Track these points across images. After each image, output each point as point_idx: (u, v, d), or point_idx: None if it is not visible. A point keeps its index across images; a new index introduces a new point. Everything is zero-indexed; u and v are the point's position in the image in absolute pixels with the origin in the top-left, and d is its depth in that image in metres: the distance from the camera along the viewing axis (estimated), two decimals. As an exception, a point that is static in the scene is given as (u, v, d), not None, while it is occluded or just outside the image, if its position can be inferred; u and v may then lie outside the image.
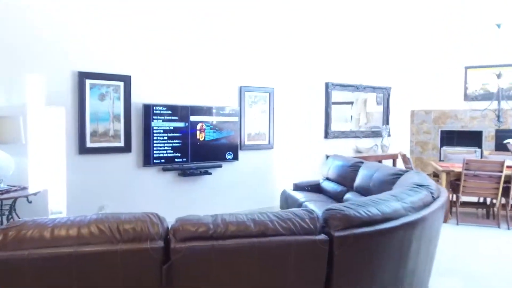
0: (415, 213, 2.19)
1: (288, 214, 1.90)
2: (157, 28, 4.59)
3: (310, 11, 5.62)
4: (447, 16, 4.78)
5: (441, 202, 2.46)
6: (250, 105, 5.36)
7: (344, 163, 4.62)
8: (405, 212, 2.14)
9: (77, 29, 4.14)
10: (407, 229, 2.05)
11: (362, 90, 6.57)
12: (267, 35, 5.44)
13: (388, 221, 2.01)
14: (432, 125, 7.23)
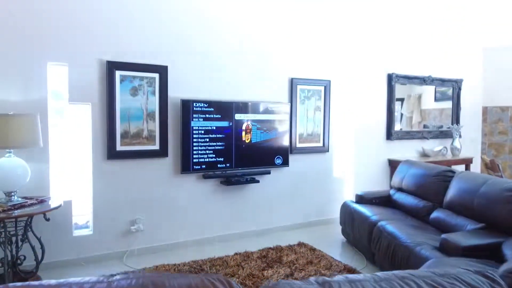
0: None
1: (456, 284, 1.08)
2: (198, 10, 3.88)
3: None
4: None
5: None
6: (302, 101, 4.55)
7: (426, 172, 3.73)
8: None
9: (106, 11, 3.48)
10: None
11: (429, 83, 5.61)
12: (321, 19, 4.61)
13: None
14: (509, 124, 6.16)
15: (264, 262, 3.39)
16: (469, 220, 2.96)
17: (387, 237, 3.10)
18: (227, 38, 4.03)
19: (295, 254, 3.59)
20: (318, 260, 3.43)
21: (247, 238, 4.13)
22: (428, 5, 4.37)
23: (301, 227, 4.56)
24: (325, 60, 4.67)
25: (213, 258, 3.49)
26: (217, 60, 3.99)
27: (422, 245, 2.74)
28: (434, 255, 2.58)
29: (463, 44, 5.96)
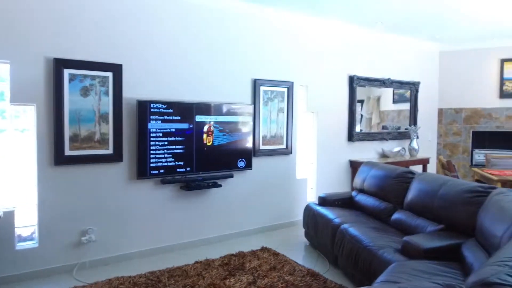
0: None
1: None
2: (156, 7, 3.67)
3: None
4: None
5: None
6: (265, 103, 4.47)
7: (386, 173, 3.76)
8: None
9: (53, 5, 3.19)
10: None
11: (389, 85, 5.73)
12: (284, 21, 4.55)
13: None
14: (463, 125, 6.43)
15: (226, 270, 3.25)
16: (429, 221, 2.99)
17: (350, 240, 3.07)
18: (188, 37, 3.86)
19: (258, 260, 3.49)
20: (281, 266, 3.35)
21: (208, 245, 3.98)
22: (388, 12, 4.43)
23: (265, 231, 4.47)
24: (288, 62, 4.62)
25: (171, 268, 3.31)
26: (177, 59, 3.81)
27: (385, 248, 2.73)
28: (397, 258, 2.57)
29: (420, 48, 6.15)
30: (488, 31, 5.44)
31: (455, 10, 4.49)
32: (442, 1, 4.16)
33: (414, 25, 5.20)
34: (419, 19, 4.87)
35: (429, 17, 4.80)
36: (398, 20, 4.93)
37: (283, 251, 3.78)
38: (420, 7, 4.37)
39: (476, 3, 4.20)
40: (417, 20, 4.95)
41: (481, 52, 6.22)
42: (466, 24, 5.12)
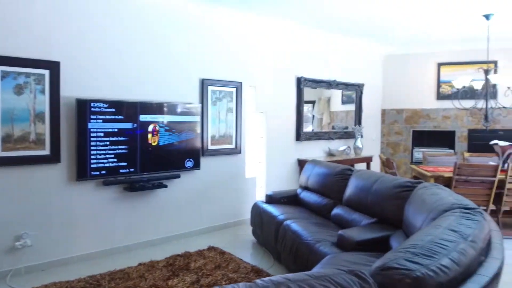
0: (488, 256, 1.49)
1: (329, 287, 1.09)
2: (98, 2, 3.56)
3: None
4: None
5: (499, 232, 1.81)
6: (214, 102, 4.48)
7: (328, 171, 3.92)
8: (478, 257, 1.44)
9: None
10: (494, 286, 1.34)
11: (335, 86, 5.96)
12: (232, 22, 4.60)
13: (469, 277, 1.29)
14: (404, 125, 6.83)
15: (170, 270, 3.23)
16: (364, 215, 3.16)
17: (291, 236, 3.17)
18: (132, 34, 3.78)
19: (203, 259, 3.50)
20: (226, 264, 3.39)
21: (154, 247, 3.93)
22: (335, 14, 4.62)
23: (213, 230, 4.48)
24: (237, 62, 4.66)
25: (113, 271, 3.23)
26: (121, 57, 3.72)
27: (322, 242, 2.85)
28: (332, 250, 2.69)
29: (366, 51, 6.45)
30: (427, 36, 5.83)
31: (398, 16, 4.77)
32: (386, 7, 4.41)
33: (360, 29, 5.45)
34: (365, 23, 5.12)
35: (373, 22, 5.05)
36: (345, 23, 5.15)
37: (230, 249, 3.81)
38: (366, 12, 4.60)
39: (414, 10, 4.50)
40: (363, 24, 5.20)
41: (421, 56, 6.64)
42: (407, 30, 5.45)
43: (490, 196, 4.25)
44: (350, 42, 6.09)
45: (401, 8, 4.44)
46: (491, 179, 4.18)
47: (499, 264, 1.42)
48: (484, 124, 4.80)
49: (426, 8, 4.43)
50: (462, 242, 1.44)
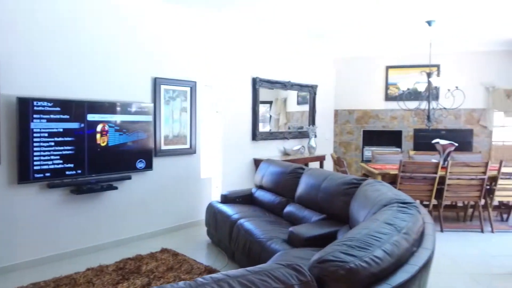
0: (420, 247, 1.60)
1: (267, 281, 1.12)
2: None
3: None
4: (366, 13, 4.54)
5: (432, 224, 1.94)
6: (167, 102, 4.41)
7: (282, 170, 3.99)
8: (410, 248, 1.54)
9: None
10: (423, 274, 1.44)
11: (290, 87, 6.08)
12: (186, 20, 4.55)
13: (401, 267, 1.38)
14: (355, 125, 7.11)
15: (120, 274, 3.14)
16: (314, 212, 3.26)
17: (244, 234, 3.19)
18: (80, 30, 3.62)
19: (156, 262, 3.43)
20: (179, 265, 3.35)
21: (103, 251, 3.79)
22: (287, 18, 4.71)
23: (167, 232, 4.41)
24: (191, 61, 4.61)
25: (59, 277, 3.08)
26: (67, 54, 3.55)
27: (273, 239, 2.90)
28: (283, 247, 2.75)
29: (318, 54, 6.64)
30: (376, 40, 6.11)
31: (348, 21, 4.95)
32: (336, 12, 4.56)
33: (313, 32, 5.60)
34: (317, 27, 5.27)
35: (324, 24, 5.21)
36: (298, 26, 5.27)
37: (184, 251, 3.77)
38: (318, 16, 4.74)
39: (363, 16, 4.70)
40: (316, 28, 5.35)
41: (370, 60, 6.95)
42: (357, 34, 5.68)
43: (432, 192, 4.53)
44: (304, 44, 6.24)
45: (350, 14, 4.63)
46: (432, 175, 4.46)
47: (429, 254, 1.53)
48: (427, 124, 5.11)
49: (373, 14, 4.65)
50: (396, 234, 1.53)
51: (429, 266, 1.52)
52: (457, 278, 3.21)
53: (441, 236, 4.37)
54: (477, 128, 6.58)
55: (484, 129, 6.55)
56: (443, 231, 4.54)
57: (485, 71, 6.47)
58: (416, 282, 1.37)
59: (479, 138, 6.56)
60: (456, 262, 3.57)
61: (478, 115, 6.57)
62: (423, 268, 1.41)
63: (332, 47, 6.67)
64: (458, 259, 3.65)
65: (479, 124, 6.57)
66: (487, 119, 6.49)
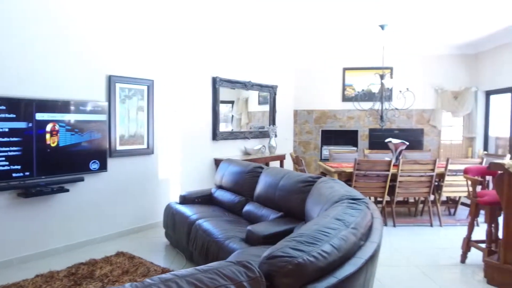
0: (367, 240, 1.67)
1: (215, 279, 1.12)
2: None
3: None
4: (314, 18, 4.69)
5: (380, 219, 2.03)
6: (122, 100, 4.28)
7: (241, 169, 4.01)
8: (358, 242, 1.60)
9: None
10: (369, 266, 1.51)
11: (250, 87, 6.11)
12: (142, 17, 4.44)
13: (348, 260, 1.43)
14: (313, 125, 7.27)
15: (71, 280, 3.01)
16: (272, 210, 3.30)
17: (202, 235, 3.17)
18: (26, 22, 3.42)
19: (110, 266, 3.32)
20: (135, 269, 3.26)
21: (55, 256, 3.62)
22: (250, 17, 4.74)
23: (123, 235, 4.28)
24: (148, 59, 4.51)
25: (5, 285, 2.90)
26: (13, 48, 3.34)
27: (232, 239, 2.90)
28: (241, 246, 2.76)
29: (278, 55, 6.72)
30: (335, 43, 6.28)
31: (308, 23, 5.05)
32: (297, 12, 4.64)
33: (271, 33, 5.67)
34: (275, 27, 5.34)
35: (284, 26, 5.29)
36: (257, 26, 5.31)
37: (140, 253, 3.68)
38: (275, 16, 4.80)
39: (325, 18, 4.81)
40: (274, 28, 5.41)
41: (328, 61, 7.13)
42: (317, 36, 5.81)
43: (385, 188, 4.74)
44: (263, 45, 6.30)
45: (309, 16, 4.74)
46: (385, 173, 4.66)
47: (375, 247, 1.60)
48: (380, 124, 5.34)
49: (329, 16, 4.79)
50: (344, 229, 1.58)
51: (375, 258, 1.59)
52: (406, 270, 3.38)
53: (393, 231, 4.58)
54: (427, 128, 6.95)
55: (433, 129, 6.93)
56: (396, 226, 4.76)
57: (434, 74, 6.85)
58: (362, 274, 1.43)
59: (429, 137, 6.94)
60: (406, 255, 3.75)
61: (428, 115, 6.95)
62: (369, 260, 1.47)
63: (292, 49, 6.79)
64: (408, 252, 3.84)
65: (429, 124, 6.94)
66: (436, 119, 6.87)
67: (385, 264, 3.50)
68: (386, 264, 3.49)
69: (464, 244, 3.53)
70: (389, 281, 3.12)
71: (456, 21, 5.04)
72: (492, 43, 6.13)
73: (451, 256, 3.70)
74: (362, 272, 1.41)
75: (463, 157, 6.63)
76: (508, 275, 2.90)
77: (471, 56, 6.76)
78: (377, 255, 1.64)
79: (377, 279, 3.15)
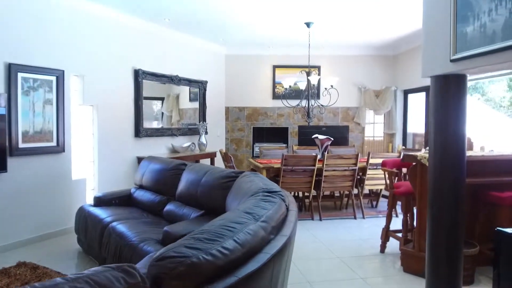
0: (278, 234, 1.58)
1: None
2: None
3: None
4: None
5: (295, 211, 1.96)
6: (26, 92, 3.79)
7: (163, 166, 3.76)
8: (267, 236, 1.50)
9: None
10: (276, 262, 1.40)
11: (177, 82, 5.84)
12: (53, 1, 3.99)
13: (253, 256, 1.32)
14: (245, 122, 7.20)
15: (-48, 300, 2.55)
16: (194, 209, 3.12)
17: (115, 238, 2.89)
18: None
19: (8, 278, 2.89)
20: (38, 280, 2.87)
21: None
22: (173, 9, 4.48)
23: (29, 243, 3.80)
24: (58, 47, 4.06)
25: None
26: None
27: (147, 241, 2.67)
28: (156, 248, 2.54)
29: (208, 49, 6.53)
30: (265, 39, 6.25)
31: (236, 17, 4.93)
32: (225, 7, 4.48)
33: (201, 27, 5.46)
34: (204, 21, 5.14)
35: (213, 20, 5.12)
36: (185, 19, 5.07)
37: (47, 263, 3.27)
38: (204, 10, 4.60)
39: (253, 13, 4.72)
40: (203, 22, 5.22)
41: (259, 58, 7.10)
42: (243, 33, 5.72)
43: (311, 183, 4.79)
44: (192, 39, 6.08)
45: (235, 13, 4.63)
46: (311, 168, 4.72)
47: (285, 240, 1.51)
48: (307, 120, 5.41)
49: (255, 13, 4.72)
50: (252, 223, 1.47)
51: (284, 253, 1.50)
52: (329, 262, 3.41)
53: (320, 225, 4.65)
54: (352, 125, 7.24)
55: (358, 126, 7.25)
56: (322, 220, 4.84)
57: (358, 74, 7.17)
58: (268, 271, 1.32)
59: (354, 134, 7.24)
60: (330, 247, 3.81)
61: (353, 113, 7.25)
62: (276, 255, 1.37)
63: (220, 44, 6.64)
64: (332, 244, 3.90)
65: (353, 121, 7.24)
66: (360, 116, 7.19)
67: (310, 257, 3.50)
68: (311, 258, 3.50)
69: (383, 234, 3.67)
70: (312, 274, 3.11)
71: (375, 23, 5.28)
72: (407, 45, 6.56)
73: (372, 246, 3.82)
74: (267, 269, 1.30)
75: (384, 152, 7.01)
76: (423, 262, 3.04)
77: (390, 57, 7.18)
78: (288, 249, 1.55)
79: (300, 272, 3.13)
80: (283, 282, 1.70)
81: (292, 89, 5.77)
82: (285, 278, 1.70)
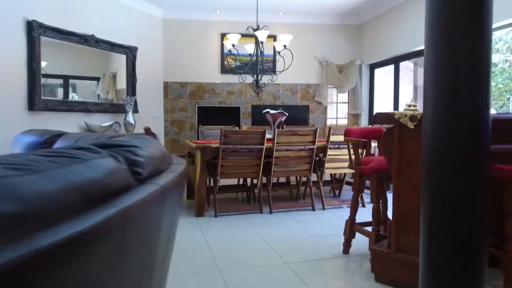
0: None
1: None
2: None
3: None
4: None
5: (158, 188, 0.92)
6: None
7: (36, 139, 2.60)
8: None
9: None
10: None
11: (93, 44, 4.62)
12: None
13: None
14: (188, 100, 6.09)
15: None
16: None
17: None
18: None
19: None
20: None
21: None
22: None
23: None
24: None
25: None
26: None
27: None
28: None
29: (139, 9, 5.36)
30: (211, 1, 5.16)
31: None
32: None
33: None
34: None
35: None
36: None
37: None
38: None
39: None
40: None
41: (204, 25, 6.01)
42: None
43: (259, 167, 3.79)
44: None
45: None
46: (259, 147, 3.71)
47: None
48: (255, 90, 4.41)
49: None
50: None
51: None
52: (273, 270, 2.41)
53: (269, 219, 3.66)
54: (312, 105, 6.33)
55: (319, 106, 6.35)
56: (273, 213, 3.85)
57: (319, 46, 6.26)
58: None
59: (314, 115, 6.33)
60: (278, 249, 2.81)
61: (314, 91, 6.33)
62: None
63: (158, 4, 5.48)
64: (280, 245, 2.91)
65: (314, 100, 6.33)
66: (322, 95, 6.29)
67: (247, 264, 2.49)
68: (248, 265, 2.48)
69: (346, 228, 2.71)
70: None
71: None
72: (375, 10, 5.70)
73: (333, 246, 2.88)
74: None
75: (349, 135, 6.15)
76: (401, 268, 2.10)
77: (355, 26, 6.32)
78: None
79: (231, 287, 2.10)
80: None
81: (243, 62, 4.73)
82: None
